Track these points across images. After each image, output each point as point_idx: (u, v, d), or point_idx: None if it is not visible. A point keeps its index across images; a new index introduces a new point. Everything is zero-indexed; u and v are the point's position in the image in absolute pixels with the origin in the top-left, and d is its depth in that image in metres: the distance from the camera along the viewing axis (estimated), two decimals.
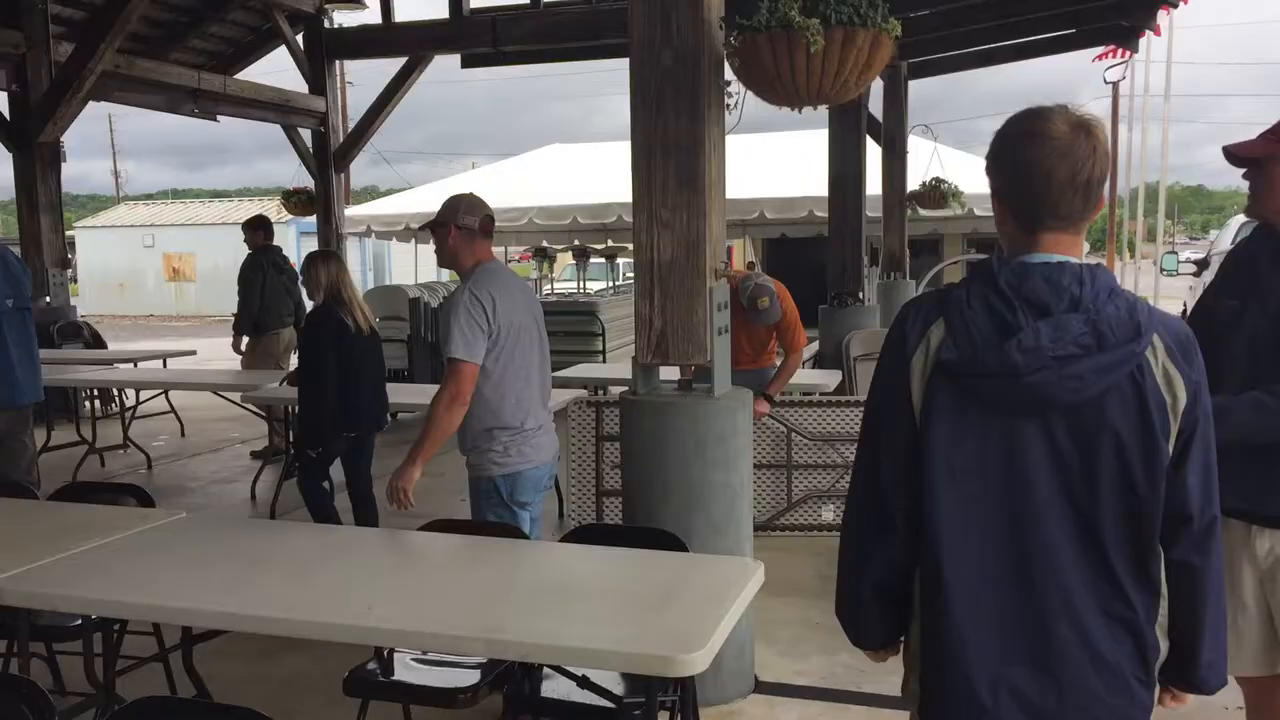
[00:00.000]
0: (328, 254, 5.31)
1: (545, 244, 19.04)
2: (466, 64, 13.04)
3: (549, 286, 21.65)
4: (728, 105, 3.38)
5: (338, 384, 4.71)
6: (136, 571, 2.54)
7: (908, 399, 1.56)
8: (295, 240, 29.64)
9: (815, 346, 8.22)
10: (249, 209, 32.65)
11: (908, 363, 1.55)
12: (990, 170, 1.59)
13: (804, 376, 6.23)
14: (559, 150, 18.16)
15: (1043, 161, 1.50)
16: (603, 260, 20.01)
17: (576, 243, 17.87)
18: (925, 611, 1.59)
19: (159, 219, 33.20)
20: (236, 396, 6.34)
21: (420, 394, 5.82)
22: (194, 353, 8.82)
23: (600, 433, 5.56)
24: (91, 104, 9.78)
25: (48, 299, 9.51)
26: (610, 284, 20.01)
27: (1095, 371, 1.45)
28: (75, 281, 35.32)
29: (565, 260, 22.95)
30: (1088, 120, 1.52)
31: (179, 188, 65.82)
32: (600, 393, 6.45)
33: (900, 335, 1.58)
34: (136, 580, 2.48)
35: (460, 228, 3.44)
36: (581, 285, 19.21)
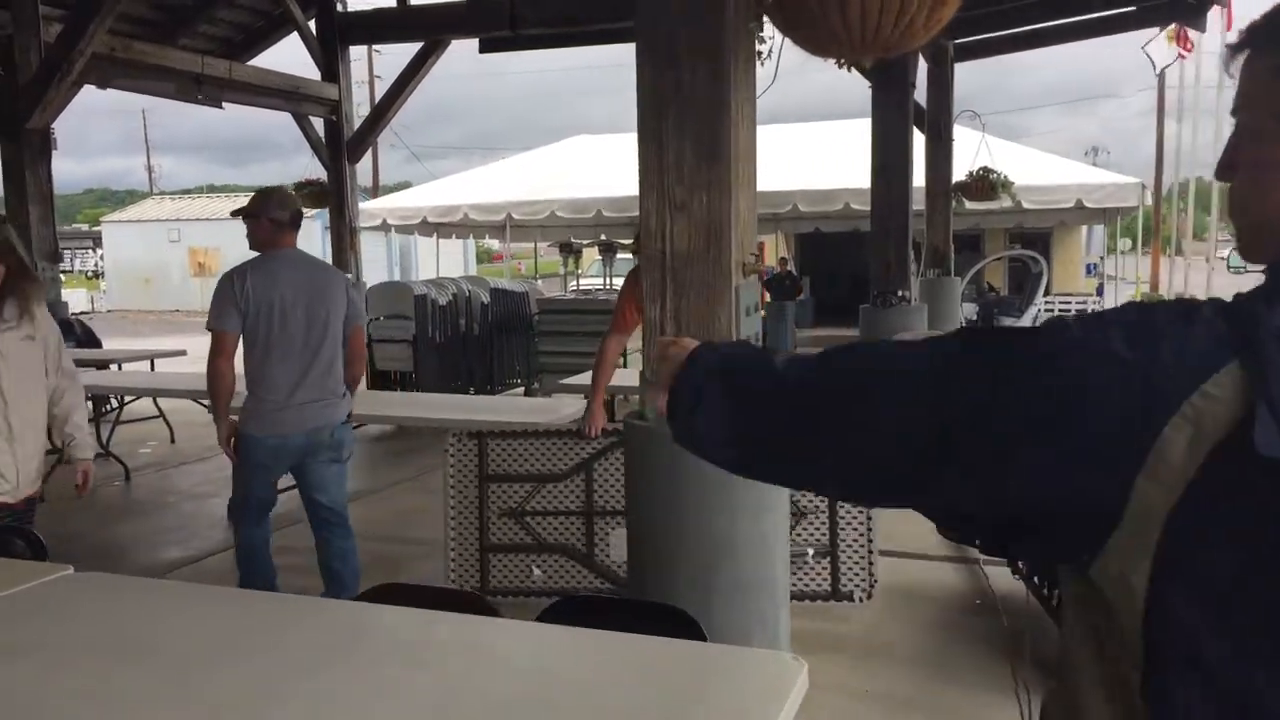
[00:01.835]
0: None
1: (571, 239, 18.40)
2: (485, 49, 12.42)
3: (574, 282, 21.01)
4: (759, 55, 2.69)
5: None
6: None
7: (1107, 484, 0.79)
8: (320, 234, 29.26)
9: None
10: None
11: (1150, 432, 0.77)
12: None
13: None
14: (585, 142, 17.49)
15: None
16: (629, 256, 19.28)
17: (603, 237, 17.22)
18: None
19: (186, 213, 32.93)
20: None
21: (426, 407, 5.17)
22: (183, 353, 8.23)
23: (484, 471, 4.39)
24: (125, 98, 9.25)
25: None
26: None
27: None
28: (101, 276, 35.23)
29: (592, 255, 22.28)
30: None
31: (216, 183, 65.87)
32: (617, 402, 5.76)
33: (1121, 380, 0.79)
34: None
35: (273, 220, 3.80)
36: (608, 281, 18.56)
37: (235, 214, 4.05)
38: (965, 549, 4.64)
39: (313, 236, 29.91)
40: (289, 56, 13.46)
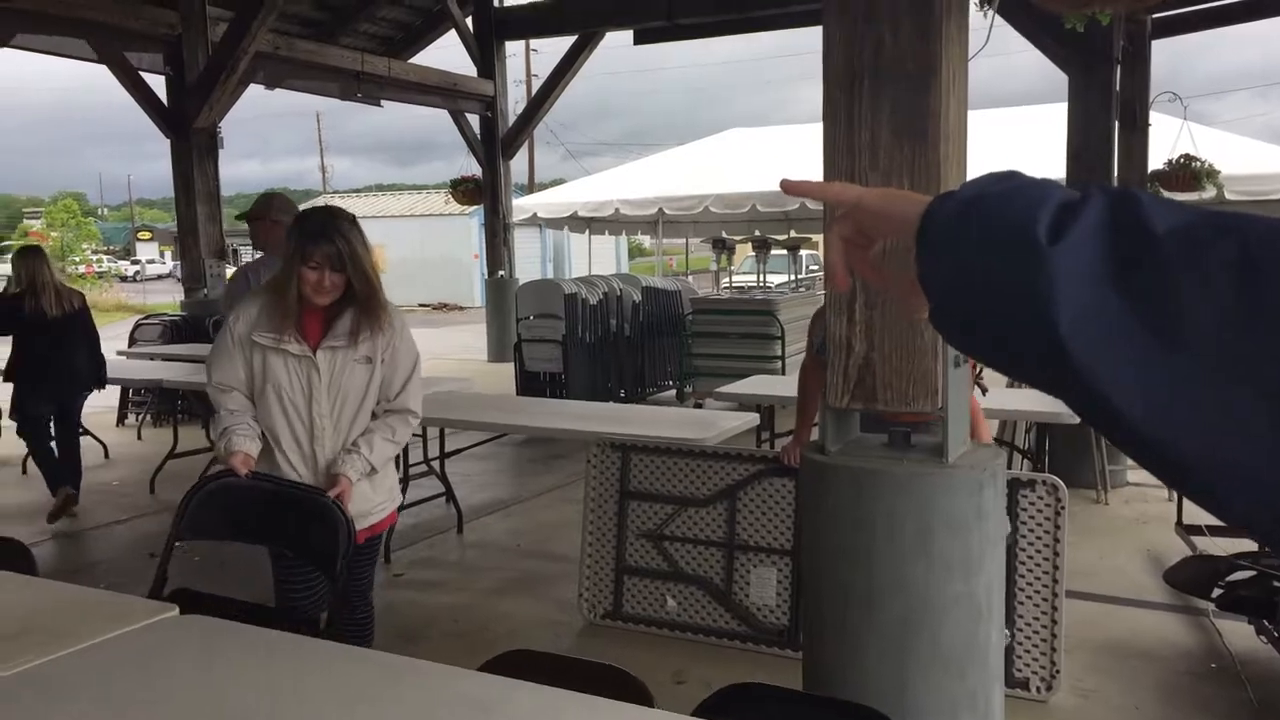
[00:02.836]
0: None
1: (724, 234, 17.96)
2: (640, 40, 12.14)
3: (727, 280, 20.51)
4: (981, 6, 2.18)
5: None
6: None
7: None
8: (476, 231, 29.81)
9: None
10: (435, 201, 33.14)
11: None
12: None
13: (1029, 401, 4.75)
14: (740, 135, 16.98)
15: None
16: (784, 252, 18.71)
17: (757, 233, 16.70)
18: None
19: (356, 211, 33.98)
20: None
21: (573, 416, 4.87)
22: None
23: (625, 487, 4.07)
24: (304, 103, 9.45)
25: (204, 291, 9.18)
26: (792, 278, 18.68)
27: None
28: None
29: (745, 252, 21.73)
30: None
31: (384, 183, 68.48)
32: (764, 415, 5.29)
33: None
34: None
35: (274, 221, 4.23)
36: (761, 279, 17.99)
37: (240, 218, 4.57)
38: (1189, 596, 3.96)
39: (469, 234, 30.65)
40: (446, 55, 13.55)
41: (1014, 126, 12.76)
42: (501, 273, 13.64)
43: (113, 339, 7.96)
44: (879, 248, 0.73)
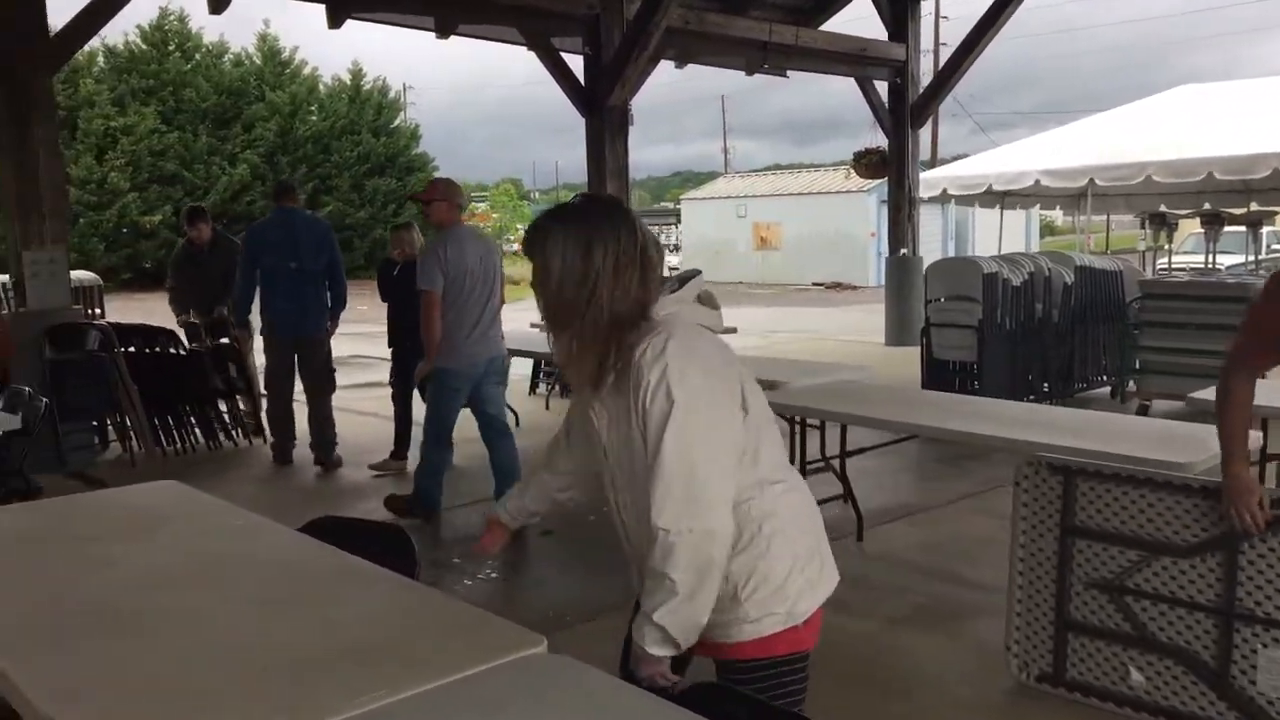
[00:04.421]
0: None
1: (1163, 208, 15.62)
2: None
3: (1164, 261, 17.90)
4: None
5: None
6: None
7: None
8: (875, 208, 28.79)
9: None
10: (833, 179, 32.57)
11: None
12: None
13: None
14: (1193, 93, 14.60)
15: None
16: (1241, 228, 15.89)
17: (1206, 206, 14.33)
18: None
19: (753, 190, 34.64)
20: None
21: (991, 420, 4.15)
22: (733, 330, 7.93)
23: (1069, 521, 3.22)
24: (710, 87, 9.46)
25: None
26: (1250, 259, 15.87)
27: None
28: (679, 250, 38.45)
29: (1187, 229, 18.84)
30: None
31: (783, 162, 69.14)
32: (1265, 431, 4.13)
33: None
34: None
35: (450, 202, 5.06)
36: (1210, 259, 15.42)
37: (409, 198, 6.14)
38: None
39: (866, 211, 29.73)
40: (851, 25, 12.87)
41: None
42: (904, 251, 12.81)
43: (527, 310, 8.31)
44: None
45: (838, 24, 12.49)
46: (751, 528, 1.84)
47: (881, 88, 12.43)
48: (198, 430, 7.11)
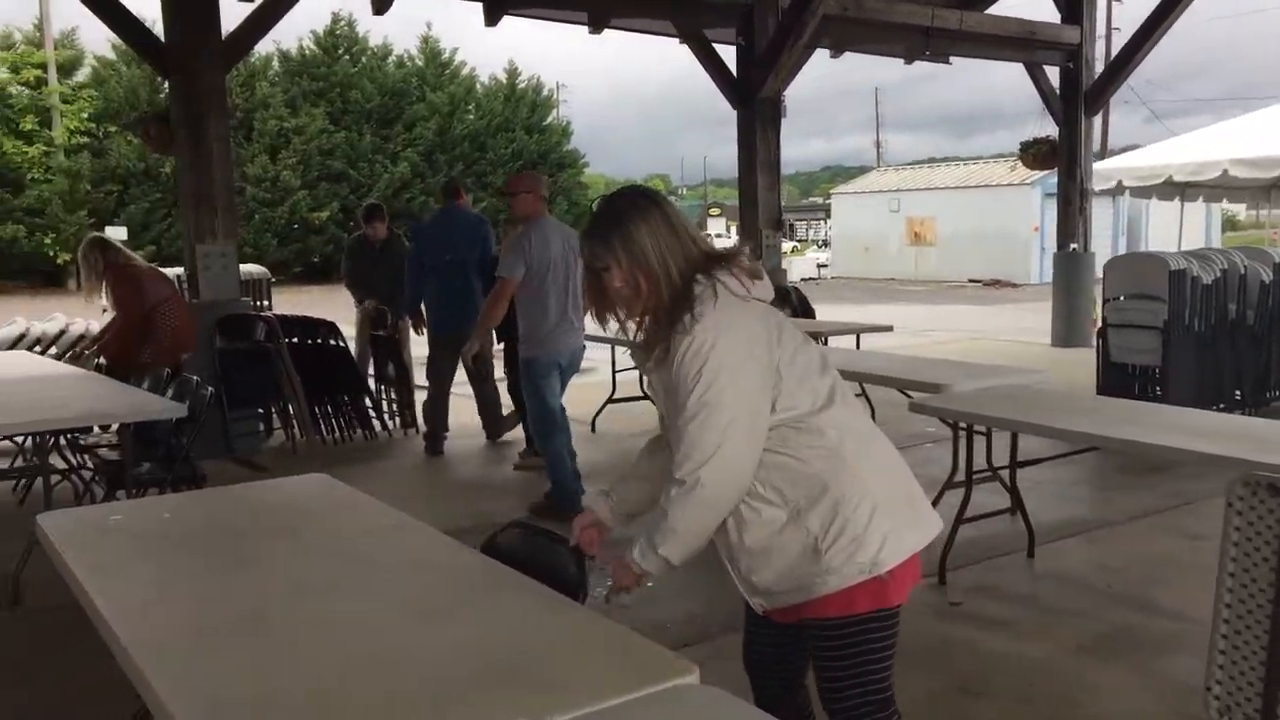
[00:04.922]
0: None
1: None
2: None
3: None
4: None
5: None
6: None
7: None
8: (1039, 202, 27.39)
9: None
10: (993, 172, 31.22)
11: None
12: None
13: None
14: None
15: None
16: None
17: None
18: None
19: (906, 184, 33.54)
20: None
21: (1180, 428, 3.74)
22: (890, 328, 7.59)
23: None
24: (864, 80, 9.18)
25: (760, 263, 9.15)
26: None
27: None
28: (828, 245, 37.66)
29: None
30: None
31: (937, 156, 66.86)
32: None
33: None
34: None
35: (535, 194, 5.19)
36: None
37: (501, 191, 5.77)
38: None
39: (1029, 204, 28.31)
40: (1019, 7, 12.19)
41: None
42: (1074, 246, 12.05)
43: None
44: None
45: (1004, 7, 11.88)
46: (819, 481, 1.89)
47: (1051, 74, 11.74)
48: (355, 420, 7.30)
